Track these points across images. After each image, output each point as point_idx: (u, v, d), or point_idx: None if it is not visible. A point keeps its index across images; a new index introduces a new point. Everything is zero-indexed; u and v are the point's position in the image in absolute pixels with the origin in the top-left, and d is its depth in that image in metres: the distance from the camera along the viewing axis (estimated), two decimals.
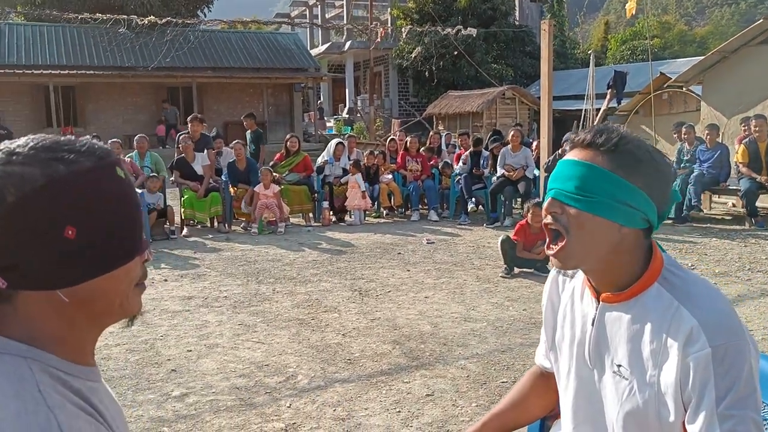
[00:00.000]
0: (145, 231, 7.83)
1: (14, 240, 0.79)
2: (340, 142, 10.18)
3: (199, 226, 9.06)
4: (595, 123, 13.39)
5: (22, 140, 0.85)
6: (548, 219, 1.33)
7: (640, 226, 1.30)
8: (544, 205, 1.35)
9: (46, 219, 0.80)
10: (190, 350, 4.24)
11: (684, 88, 12.98)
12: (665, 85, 13.53)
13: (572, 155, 1.34)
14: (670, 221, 8.67)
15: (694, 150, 9.21)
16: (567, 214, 1.30)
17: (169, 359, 4.09)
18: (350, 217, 9.51)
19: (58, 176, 0.81)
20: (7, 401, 0.75)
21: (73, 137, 0.88)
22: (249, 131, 11.05)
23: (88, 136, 0.95)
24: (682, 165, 9.23)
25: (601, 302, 1.37)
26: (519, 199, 9.31)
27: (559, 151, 8.17)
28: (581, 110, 14.37)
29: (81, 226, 0.81)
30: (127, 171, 0.91)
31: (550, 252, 1.33)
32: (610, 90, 13.44)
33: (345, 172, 9.67)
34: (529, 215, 6.20)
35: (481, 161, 9.86)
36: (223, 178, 9.21)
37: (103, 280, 0.85)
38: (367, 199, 9.42)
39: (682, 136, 9.55)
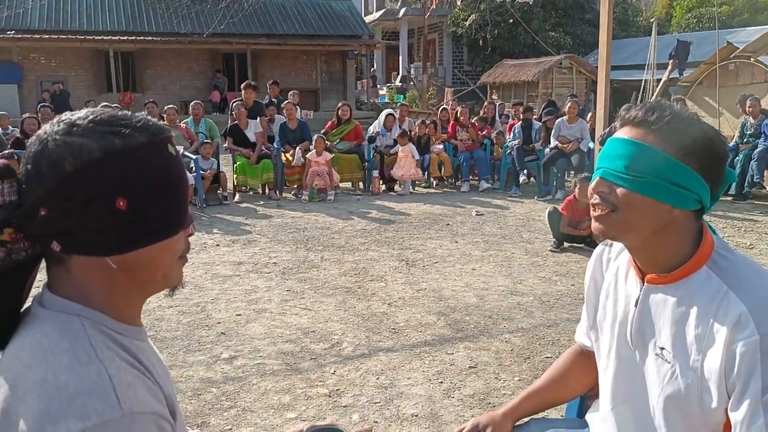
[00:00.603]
0: (199, 196, 8.07)
1: (69, 207, 0.85)
2: (390, 113, 10.13)
3: (251, 193, 9.21)
4: (655, 94, 12.97)
5: (82, 112, 0.90)
6: (596, 199, 1.29)
7: (692, 208, 1.25)
8: (592, 184, 1.31)
9: (100, 189, 0.85)
10: (240, 314, 4.35)
11: (752, 59, 12.38)
12: (732, 56, 12.92)
13: (622, 133, 1.29)
14: (729, 198, 8.38)
15: (759, 124, 8.81)
16: (615, 194, 1.26)
17: (219, 322, 4.20)
18: (400, 186, 9.50)
19: (113, 149, 0.86)
20: (61, 355, 0.81)
21: (129, 112, 0.93)
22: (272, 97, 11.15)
23: (142, 109, 0.98)
24: (745, 140, 8.87)
25: (645, 283, 1.34)
26: (572, 172, 9.12)
27: (615, 123, 7.96)
28: (641, 81, 13.91)
29: (132, 198, 0.86)
30: (177, 148, 0.95)
31: (594, 214, 1.30)
32: (672, 60, 12.94)
33: (396, 142, 9.64)
34: (577, 190, 6.08)
35: (533, 133, 9.68)
36: (275, 145, 9.31)
37: (149, 250, 0.90)
38: (418, 168, 9.37)
39: (747, 109, 9.14)
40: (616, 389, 1.42)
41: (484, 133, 10.33)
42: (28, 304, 0.93)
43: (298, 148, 9.06)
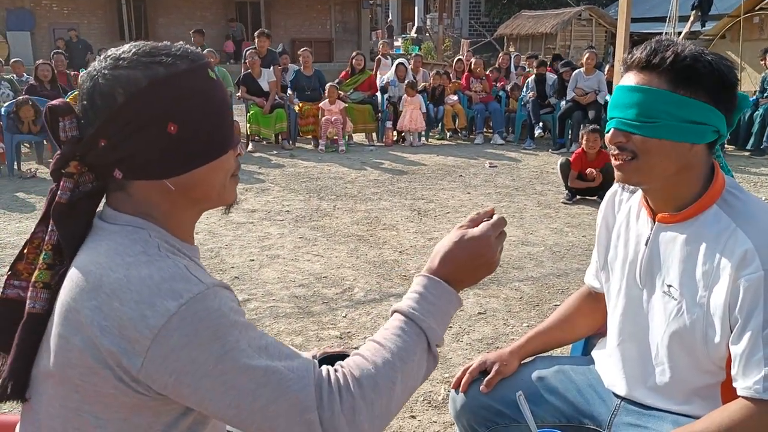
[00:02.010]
0: None
1: (125, 135, 0.91)
2: (401, 63, 10.01)
3: (264, 142, 9.21)
4: None
5: (126, 47, 0.96)
6: (614, 150, 1.29)
7: (711, 139, 1.26)
8: (608, 135, 1.30)
9: (151, 116, 0.91)
10: (253, 260, 4.42)
11: None
12: (757, 8, 12.58)
13: (628, 80, 1.28)
14: (747, 153, 8.28)
15: None
16: (632, 142, 1.26)
17: (232, 267, 4.27)
18: (414, 139, 9.41)
19: (158, 77, 0.92)
20: (137, 255, 0.90)
21: (168, 43, 0.98)
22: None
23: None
24: (765, 94, 8.70)
25: (656, 222, 1.35)
26: (588, 125, 9.00)
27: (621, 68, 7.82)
28: (662, 34, 13.59)
29: (181, 122, 0.93)
30: (217, 73, 1.00)
31: (616, 163, 1.30)
32: (694, 11, 12.59)
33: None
34: (584, 141, 6.04)
35: (546, 89, 9.52)
36: (287, 94, 9.25)
37: (203, 170, 0.96)
38: (422, 120, 9.25)
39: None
40: (623, 327, 1.45)
41: (499, 84, 10.19)
42: None
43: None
